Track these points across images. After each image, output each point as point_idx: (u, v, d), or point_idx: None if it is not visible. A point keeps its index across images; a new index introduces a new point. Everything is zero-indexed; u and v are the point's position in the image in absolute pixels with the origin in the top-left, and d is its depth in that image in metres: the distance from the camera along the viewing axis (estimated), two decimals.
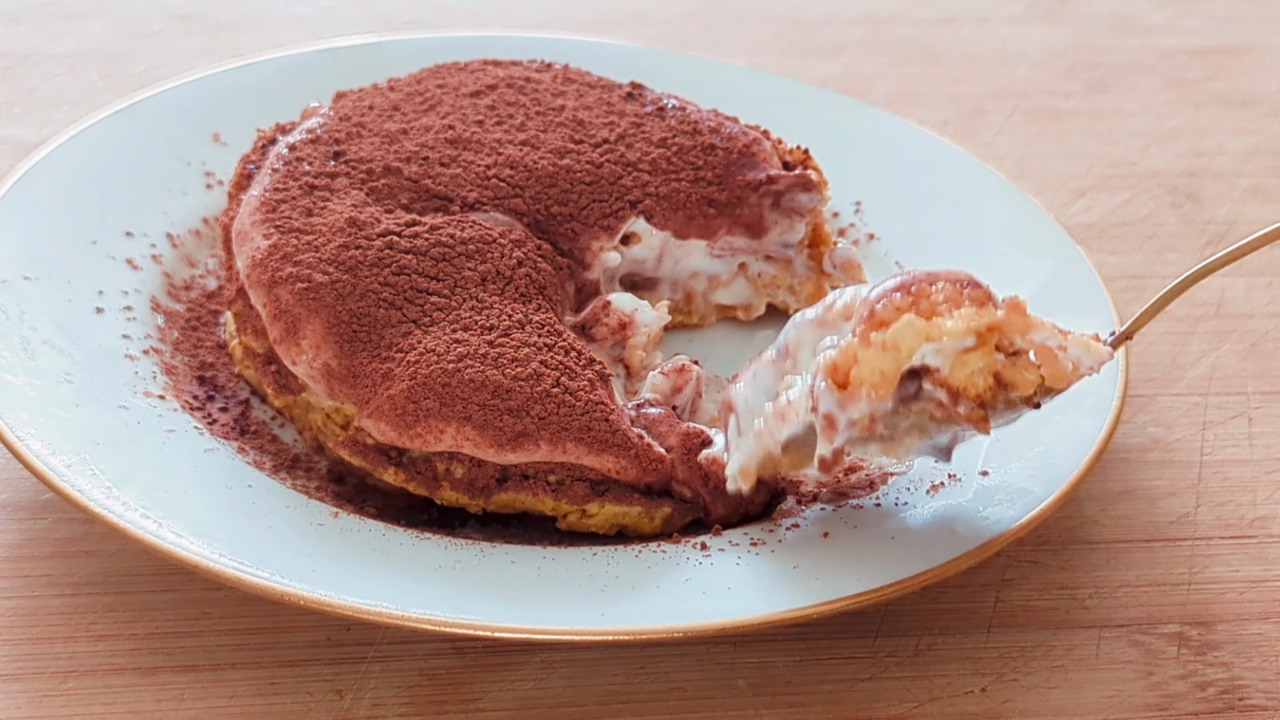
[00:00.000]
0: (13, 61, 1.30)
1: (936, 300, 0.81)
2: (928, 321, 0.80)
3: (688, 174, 1.01)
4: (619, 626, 0.80)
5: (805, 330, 0.85)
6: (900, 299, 0.81)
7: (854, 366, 0.81)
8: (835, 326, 0.84)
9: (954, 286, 0.81)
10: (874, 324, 0.81)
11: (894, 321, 0.80)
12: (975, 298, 0.81)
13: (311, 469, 0.92)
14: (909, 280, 0.82)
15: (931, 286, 0.81)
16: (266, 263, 0.92)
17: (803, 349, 0.86)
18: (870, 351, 0.81)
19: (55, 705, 0.82)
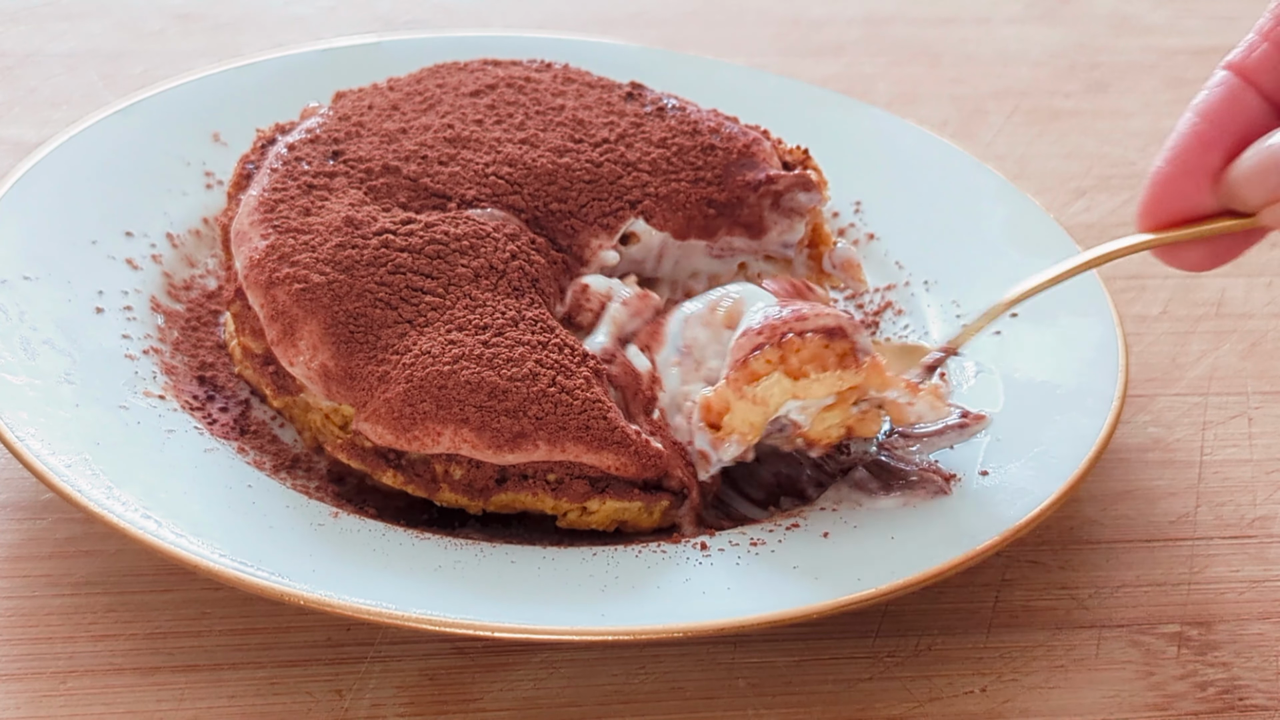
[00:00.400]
0: (13, 61, 1.30)
1: (804, 357, 0.88)
2: (795, 382, 0.88)
3: (687, 174, 1.01)
4: (619, 626, 0.80)
5: (696, 329, 0.93)
6: (770, 352, 0.88)
7: (726, 414, 0.89)
8: (717, 331, 0.92)
9: (822, 340, 0.88)
10: (747, 375, 0.88)
11: (764, 376, 0.88)
12: (840, 352, 0.88)
13: (311, 469, 0.92)
14: (780, 326, 0.89)
15: (801, 339, 0.88)
16: (264, 263, 0.92)
17: (703, 349, 0.93)
18: (742, 404, 0.88)
19: (55, 705, 0.82)
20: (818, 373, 0.87)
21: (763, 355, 0.88)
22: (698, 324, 0.93)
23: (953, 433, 0.95)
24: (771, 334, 0.88)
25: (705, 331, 0.93)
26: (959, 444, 0.94)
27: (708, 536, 0.88)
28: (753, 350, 0.88)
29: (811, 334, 0.88)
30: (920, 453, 0.94)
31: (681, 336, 0.93)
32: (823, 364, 0.88)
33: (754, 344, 0.88)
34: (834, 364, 0.88)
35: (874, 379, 0.88)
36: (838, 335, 0.88)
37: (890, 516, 0.89)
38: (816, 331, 0.88)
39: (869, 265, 1.07)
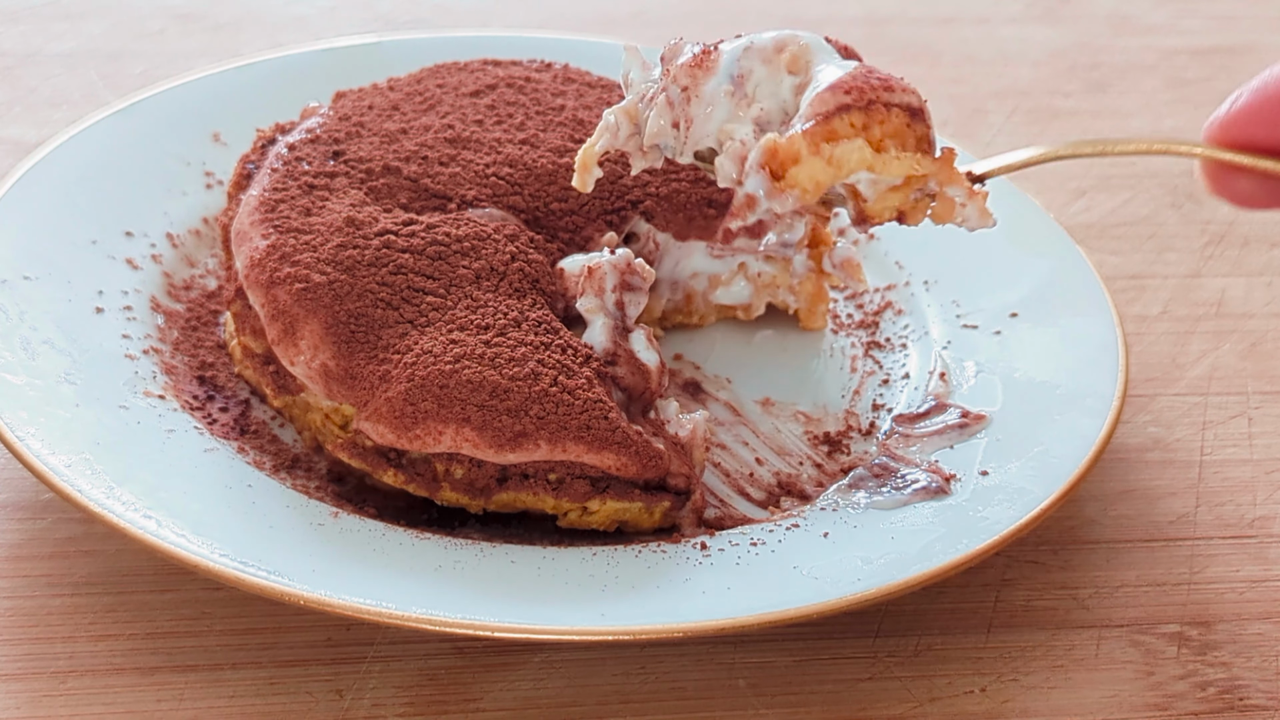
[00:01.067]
0: (13, 61, 1.30)
1: (888, 130, 0.84)
2: (875, 153, 0.84)
3: (687, 174, 1.01)
4: (619, 626, 0.80)
5: (755, 62, 0.88)
6: (857, 116, 0.83)
7: (794, 166, 0.84)
8: (777, 71, 0.87)
9: (905, 117, 0.84)
10: (826, 132, 0.83)
11: (845, 138, 0.83)
12: (918, 135, 0.85)
13: (311, 469, 0.92)
14: (869, 91, 0.84)
15: (888, 111, 0.84)
16: (265, 263, 0.92)
17: (758, 85, 0.87)
18: (815, 160, 0.83)
19: (55, 705, 0.82)
20: (898, 150, 0.84)
21: (848, 117, 0.83)
22: (757, 58, 0.87)
23: (953, 433, 0.95)
24: (859, 97, 0.84)
25: (764, 69, 0.87)
26: (959, 444, 0.94)
27: (708, 536, 0.88)
28: (838, 109, 0.83)
29: (898, 109, 0.84)
30: (920, 453, 0.94)
31: (737, 65, 0.87)
32: (903, 142, 0.84)
33: (839, 103, 0.84)
34: (912, 145, 0.84)
35: (945, 171, 0.85)
36: (919, 117, 0.85)
37: (890, 516, 0.89)
38: (902, 108, 0.84)
39: (869, 265, 1.07)
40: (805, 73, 0.87)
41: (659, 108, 0.88)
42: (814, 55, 0.87)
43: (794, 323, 1.07)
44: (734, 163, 0.86)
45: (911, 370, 1.02)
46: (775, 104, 0.87)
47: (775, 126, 0.86)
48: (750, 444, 0.97)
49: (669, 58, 0.89)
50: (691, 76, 0.87)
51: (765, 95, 0.87)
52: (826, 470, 0.95)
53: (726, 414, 0.99)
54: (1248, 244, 1.20)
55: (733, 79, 0.87)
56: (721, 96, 0.87)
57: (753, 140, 0.85)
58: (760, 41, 0.88)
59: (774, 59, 0.87)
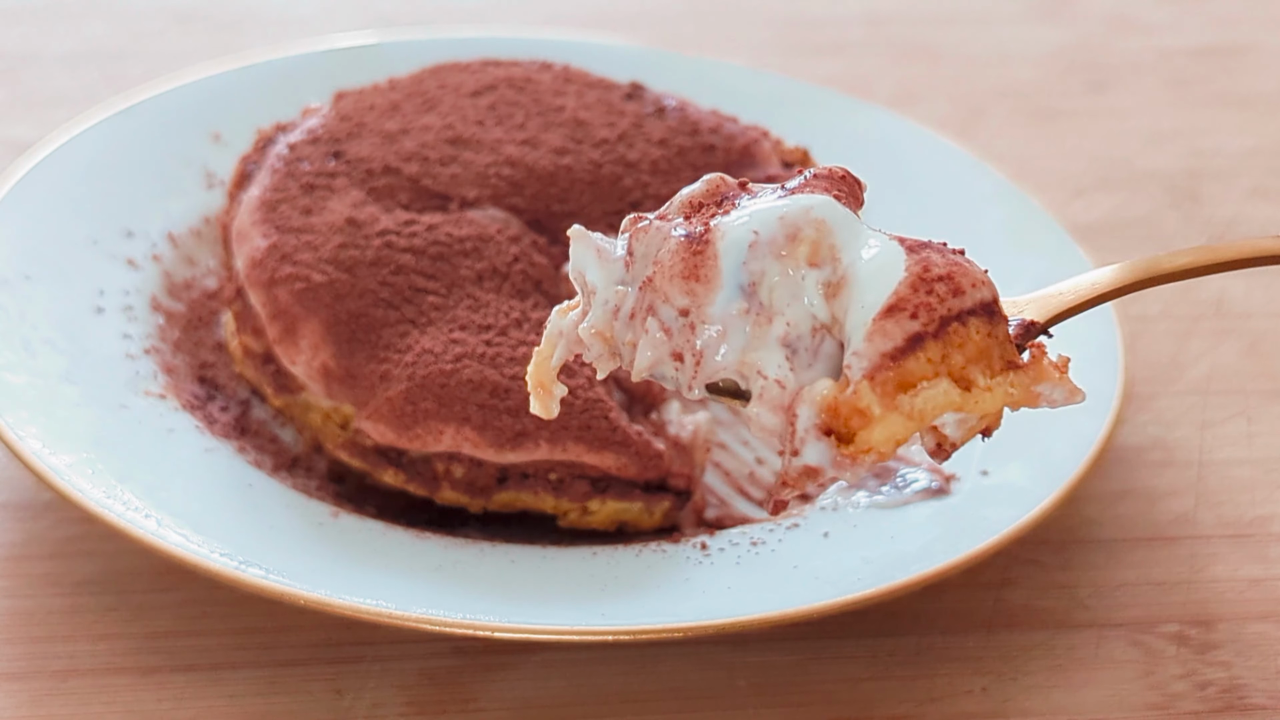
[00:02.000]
0: (13, 61, 1.30)
1: (970, 354, 0.68)
2: (965, 394, 0.68)
3: (688, 175, 1.01)
4: (619, 626, 0.80)
5: (765, 261, 0.69)
6: (933, 349, 0.67)
7: (865, 427, 0.67)
8: (796, 268, 0.69)
9: (985, 325, 0.68)
10: (899, 379, 0.67)
11: (924, 379, 0.67)
12: (1002, 339, 0.69)
13: (311, 469, 0.92)
14: (936, 305, 0.67)
15: (964, 326, 0.68)
16: (265, 262, 0.92)
17: (773, 291, 0.69)
18: (892, 417, 0.67)
19: (55, 705, 0.82)
20: (985, 376, 0.68)
21: (924, 353, 0.67)
22: (767, 254, 0.68)
23: None
24: (930, 318, 0.66)
25: (778, 267, 0.68)
26: None
27: (708, 536, 0.88)
28: (909, 342, 0.66)
29: (973, 319, 0.67)
30: (920, 452, 0.94)
31: (744, 271, 0.68)
32: (989, 361, 0.68)
33: (909, 334, 0.66)
34: (999, 359, 0.68)
35: (1038, 373, 0.69)
36: (997, 314, 0.68)
37: (890, 516, 0.89)
38: (978, 313, 0.68)
39: None
40: (834, 264, 0.69)
41: (651, 337, 0.69)
42: (837, 235, 0.70)
43: None
44: (775, 413, 0.68)
45: None
46: (802, 312, 0.68)
47: (808, 345, 0.68)
48: (750, 444, 0.97)
49: (640, 251, 0.70)
50: (689, 293, 0.68)
51: (786, 303, 0.69)
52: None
53: (727, 414, 0.99)
54: None
55: (743, 290, 0.68)
56: (735, 317, 0.68)
57: (788, 374, 0.68)
58: (766, 231, 0.69)
59: (791, 251, 0.69)
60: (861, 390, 0.67)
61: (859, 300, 0.68)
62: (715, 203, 0.71)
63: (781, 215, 0.69)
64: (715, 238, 0.69)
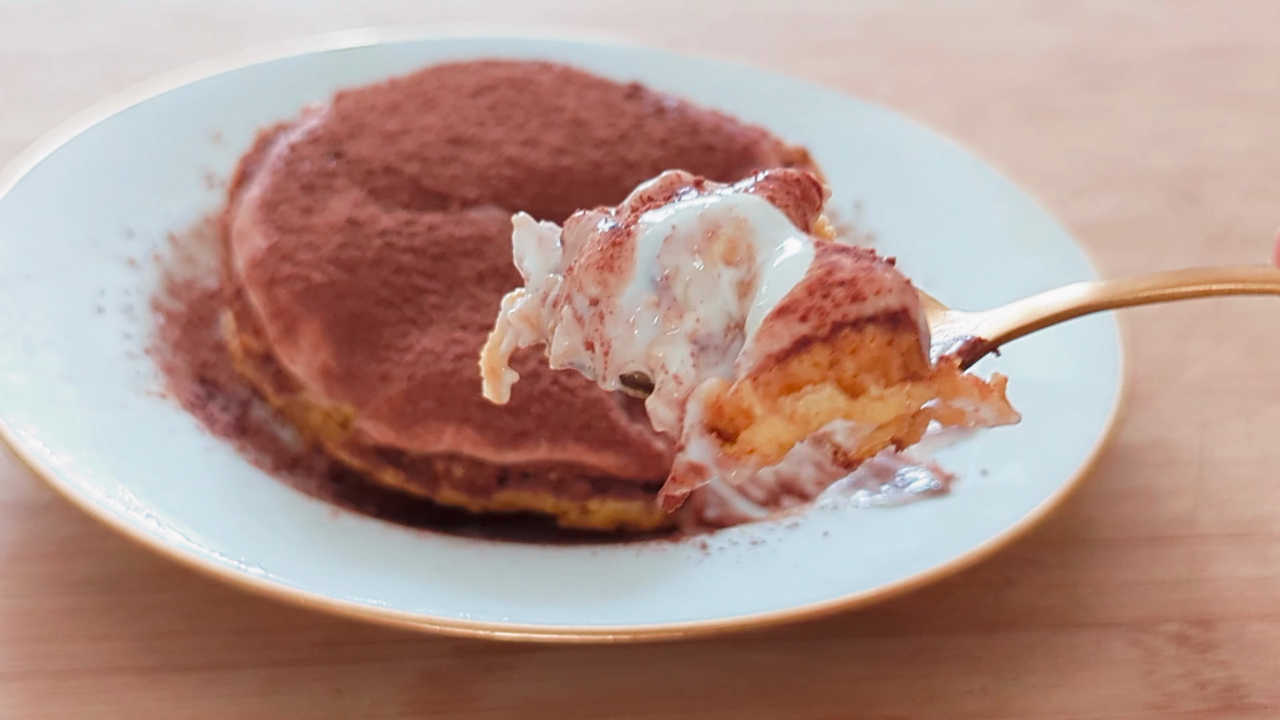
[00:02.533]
0: (13, 61, 1.30)
1: (863, 361, 0.65)
2: (852, 400, 0.65)
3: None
4: (619, 626, 0.80)
5: (681, 256, 0.67)
6: (820, 353, 0.65)
7: (748, 427, 0.66)
8: (712, 265, 0.67)
9: (885, 334, 0.65)
10: (784, 381, 0.65)
11: (810, 384, 0.65)
12: (904, 349, 0.66)
13: (311, 469, 0.92)
14: (831, 310, 0.65)
15: (859, 332, 0.65)
16: (265, 262, 0.92)
17: (688, 286, 0.67)
18: (774, 420, 0.65)
19: (55, 705, 0.82)
20: (879, 385, 0.65)
21: (810, 357, 0.65)
22: (683, 249, 0.67)
23: (953, 432, 0.95)
24: (820, 322, 0.64)
25: (694, 263, 0.67)
26: (959, 443, 0.94)
27: (708, 536, 0.88)
28: (795, 345, 0.65)
29: (872, 326, 0.65)
30: (920, 452, 0.94)
31: (658, 264, 0.67)
32: (885, 370, 0.65)
33: (795, 336, 0.65)
34: (898, 369, 0.66)
35: (947, 386, 0.67)
36: (903, 324, 0.66)
37: (890, 516, 0.89)
38: (878, 321, 0.65)
39: None
40: (749, 263, 0.67)
41: (565, 324, 0.69)
42: (757, 235, 0.68)
43: None
44: (670, 408, 0.67)
45: None
46: (715, 309, 0.67)
47: (718, 343, 0.67)
48: None
49: (570, 241, 0.70)
50: (601, 282, 0.68)
51: (700, 299, 0.67)
52: (826, 470, 0.95)
53: None
54: (1247, 244, 1.20)
55: (655, 284, 0.67)
56: (642, 309, 0.67)
57: (690, 370, 0.66)
58: (685, 227, 0.67)
59: (706, 248, 0.67)
60: (744, 390, 0.65)
61: (759, 300, 0.66)
62: (665, 198, 0.70)
63: (703, 212, 0.68)
64: (636, 231, 0.68)
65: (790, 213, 0.69)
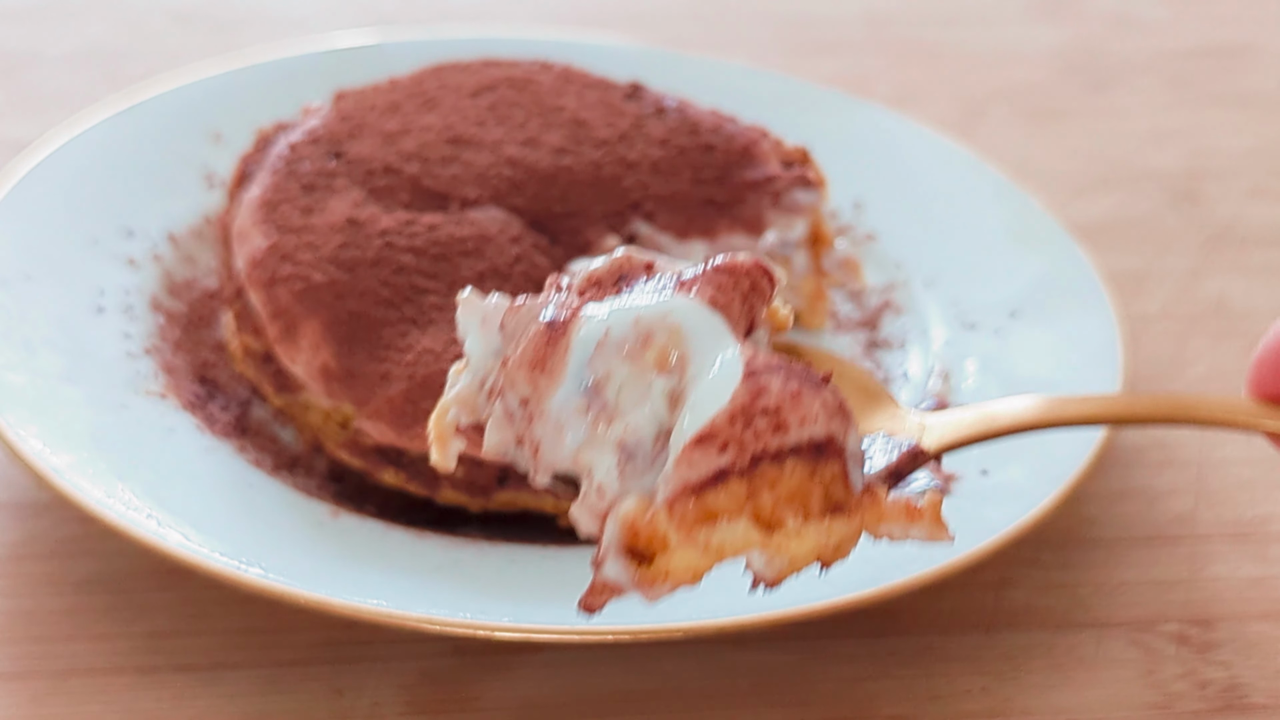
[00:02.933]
0: (13, 61, 1.30)
1: (781, 495, 0.64)
2: (767, 535, 0.64)
3: (688, 174, 1.01)
4: (619, 626, 0.80)
5: (613, 361, 0.66)
6: (736, 487, 0.63)
7: (662, 554, 0.64)
8: (644, 372, 0.65)
9: (806, 467, 0.64)
10: (699, 512, 0.63)
11: (726, 515, 0.64)
12: (827, 480, 0.64)
13: (311, 469, 0.92)
14: (749, 441, 0.63)
15: (779, 466, 0.63)
16: (265, 262, 0.92)
17: (620, 391, 0.66)
18: (688, 549, 0.64)
19: (55, 704, 0.82)
20: (797, 519, 0.64)
21: (727, 489, 0.63)
22: (615, 354, 0.65)
23: None
24: (739, 455, 0.63)
25: (626, 368, 0.65)
26: None
27: None
28: (713, 477, 0.63)
29: (793, 458, 0.63)
30: None
31: (589, 369, 0.65)
32: (804, 502, 0.64)
33: (713, 467, 0.63)
34: (819, 500, 0.64)
35: (871, 516, 0.65)
36: (828, 454, 0.64)
37: None
38: (800, 453, 0.63)
39: (869, 265, 1.07)
40: (681, 373, 0.65)
41: (496, 418, 0.68)
42: (690, 344, 0.65)
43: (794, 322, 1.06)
44: (592, 518, 0.65)
45: (911, 369, 1.02)
46: (645, 417, 0.65)
47: (646, 452, 0.65)
48: None
49: (510, 328, 0.68)
50: (532, 383, 0.66)
51: (631, 405, 0.65)
52: None
53: None
54: (1247, 244, 1.20)
55: (585, 390, 0.65)
56: (572, 413, 0.66)
57: (614, 481, 0.65)
58: (619, 330, 0.65)
59: (638, 354, 0.65)
60: (659, 517, 0.64)
61: (683, 420, 0.64)
62: (613, 283, 0.68)
63: (639, 316, 0.65)
64: (572, 330, 0.66)
65: (733, 312, 0.67)
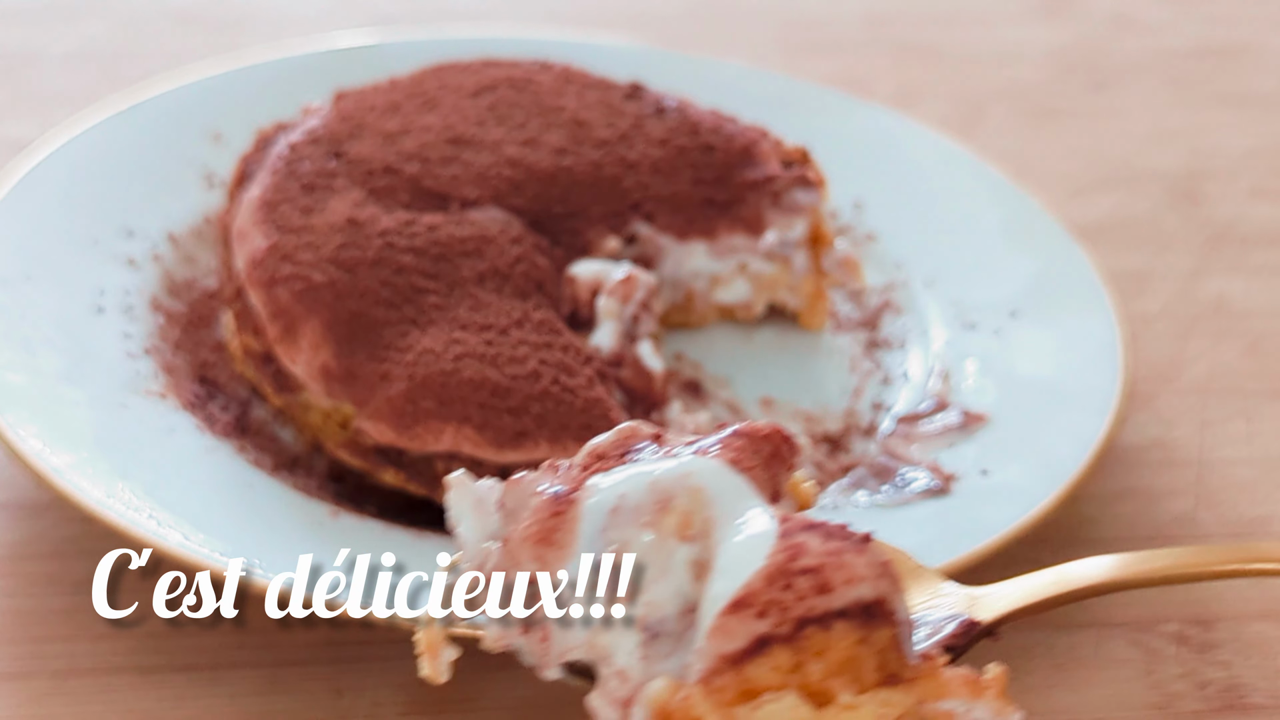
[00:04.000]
0: (13, 61, 1.30)
1: (831, 664, 0.58)
2: (819, 710, 0.57)
3: (687, 174, 1.01)
4: None
5: (629, 530, 0.60)
6: (781, 655, 0.57)
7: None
8: (664, 541, 0.60)
9: (857, 632, 0.58)
10: (741, 689, 0.57)
11: (770, 691, 0.57)
12: (880, 648, 0.58)
13: (311, 469, 0.92)
14: (794, 605, 0.57)
15: (826, 630, 0.57)
16: (265, 262, 0.92)
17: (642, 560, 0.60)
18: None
19: (55, 704, 0.82)
20: (850, 691, 0.57)
21: (769, 659, 0.57)
22: (630, 523, 0.60)
23: (953, 432, 0.95)
24: (781, 619, 0.57)
25: (644, 537, 0.59)
26: (959, 444, 0.94)
27: None
28: (753, 645, 0.57)
29: (841, 622, 0.57)
30: (921, 452, 0.94)
31: (602, 538, 0.60)
32: (858, 672, 0.58)
33: (753, 634, 0.57)
34: (873, 670, 0.58)
35: (931, 689, 0.60)
36: (878, 617, 0.58)
37: (890, 516, 0.89)
38: (849, 615, 0.57)
39: (869, 265, 1.07)
40: (705, 539, 0.60)
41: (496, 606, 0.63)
42: (715, 507, 0.60)
43: (794, 323, 1.07)
44: (614, 708, 0.60)
45: (911, 369, 1.02)
46: (668, 591, 0.59)
47: (671, 629, 0.59)
48: None
49: (509, 506, 0.64)
50: (538, 559, 0.61)
51: (650, 580, 0.59)
52: (827, 470, 0.95)
53: (727, 414, 0.99)
54: (1247, 243, 1.20)
55: (595, 566, 0.60)
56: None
57: (637, 664, 0.59)
58: (633, 496, 0.60)
59: (657, 521, 0.59)
60: (694, 698, 0.57)
61: (714, 587, 0.58)
62: (618, 455, 0.64)
63: (655, 480, 0.60)
64: (580, 498, 0.61)
65: (757, 475, 0.62)
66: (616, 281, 0.95)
